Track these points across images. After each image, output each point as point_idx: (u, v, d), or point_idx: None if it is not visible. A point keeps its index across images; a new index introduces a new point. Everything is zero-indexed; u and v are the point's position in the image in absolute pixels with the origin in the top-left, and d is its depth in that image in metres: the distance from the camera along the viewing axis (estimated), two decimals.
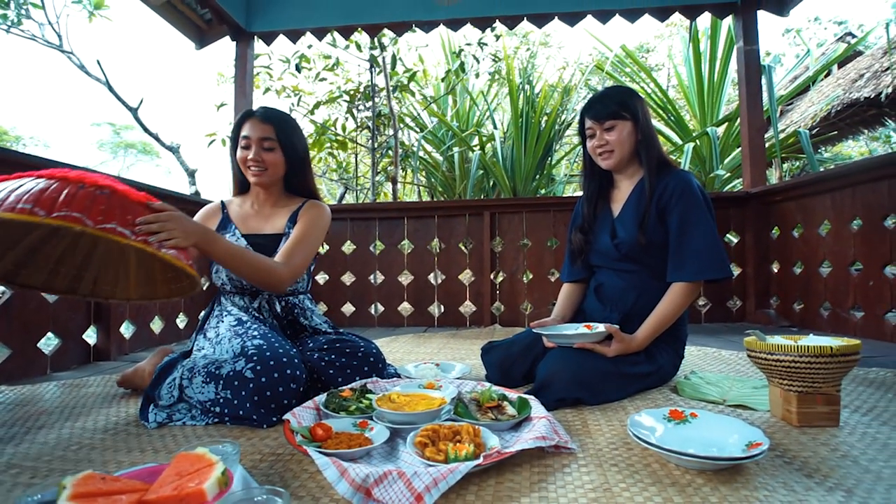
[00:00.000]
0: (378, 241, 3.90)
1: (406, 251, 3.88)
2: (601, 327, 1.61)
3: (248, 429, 1.37)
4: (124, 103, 6.45)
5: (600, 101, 1.77)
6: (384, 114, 6.27)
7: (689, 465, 1.05)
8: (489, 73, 6.87)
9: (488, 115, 6.94)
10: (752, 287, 3.55)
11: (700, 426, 1.21)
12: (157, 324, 3.01)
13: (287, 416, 1.24)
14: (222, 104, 6.09)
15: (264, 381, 1.39)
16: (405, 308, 3.86)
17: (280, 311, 1.80)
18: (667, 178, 1.72)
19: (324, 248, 3.90)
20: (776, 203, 3.45)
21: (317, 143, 6.43)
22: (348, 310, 3.88)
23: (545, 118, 6.04)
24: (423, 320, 3.83)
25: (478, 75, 6.68)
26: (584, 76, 7.34)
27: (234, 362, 1.45)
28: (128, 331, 2.77)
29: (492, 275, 3.76)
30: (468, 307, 3.81)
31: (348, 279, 3.90)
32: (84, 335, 2.54)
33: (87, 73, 6.15)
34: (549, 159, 6.32)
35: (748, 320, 3.55)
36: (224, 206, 1.90)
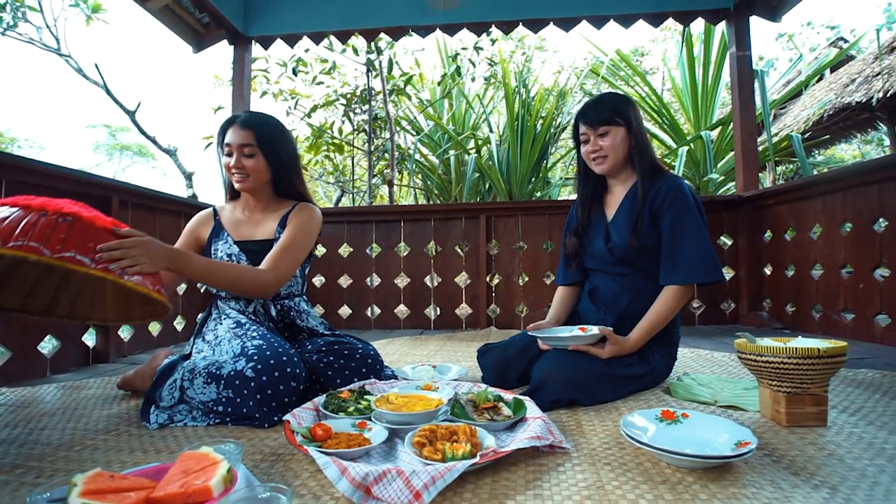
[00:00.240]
0: (375, 244, 3.92)
1: (402, 254, 3.91)
2: (595, 330, 1.63)
3: (249, 429, 1.39)
4: (122, 107, 6.46)
5: (594, 108, 1.80)
6: (381, 117, 6.30)
7: (679, 463, 1.07)
8: (485, 76, 6.91)
9: (484, 118, 6.97)
10: (745, 290, 3.58)
11: (691, 426, 1.23)
12: (154, 326, 3.03)
13: (287, 417, 1.27)
14: (219, 107, 6.12)
15: (265, 379, 1.41)
16: (402, 310, 3.89)
17: (275, 314, 1.82)
18: (659, 182, 1.75)
19: (321, 252, 3.92)
20: (768, 207, 3.49)
21: (314, 147, 6.46)
22: (345, 312, 3.90)
23: (541, 122, 6.08)
24: (419, 323, 3.85)
25: (474, 79, 6.73)
26: (579, 80, 7.39)
27: (235, 362, 1.47)
28: (126, 333, 2.79)
29: (488, 277, 3.79)
30: (464, 310, 3.84)
31: (345, 282, 3.92)
32: (83, 337, 2.55)
33: (84, 76, 6.17)
34: (545, 162, 6.36)
35: (741, 322, 3.58)
36: (216, 213, 1.91)
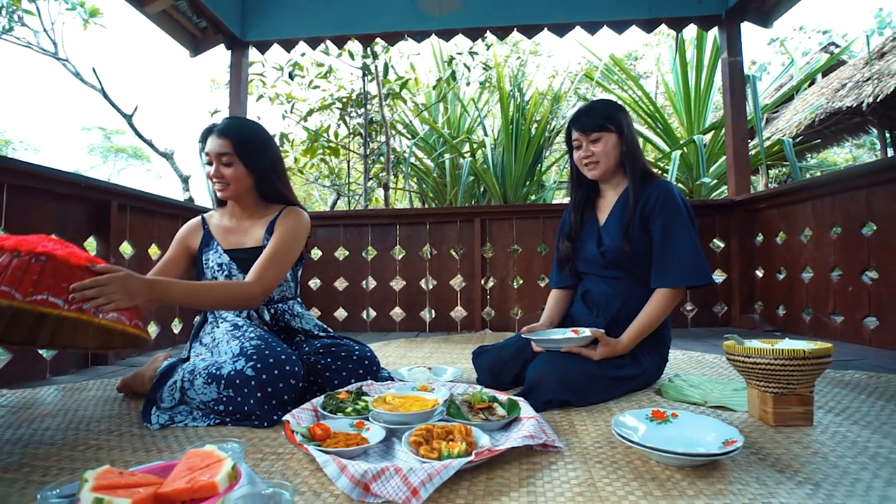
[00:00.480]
0: (371, 247, 3.95)
1: (398, 257, 3.93)
2: (587, 332, 1.66)
3: (249, 430, 1.41)
4: (119, 110, 6.47)
5: (587, 114, 1.83)
6: (376, 121, 6.33)
7: (668, 461, 1.10)
8: (480, 81, 6.96)
9: (479, 122, 7.00)
10: (737, 292, 3.63)
11: (680, 426, 1.26)
12: (152, 329, 3.04)
13: (287, 418, 1.30)
14: (216, 110, 6.15)
15: (265, 378, 1.44)
16: (397, 313, 3.91)
17: (269, 318, 1.83)
18: (650, 187, 1.78)
19: (317, 255, 3.95)
20: (760, 210, 3.54)
21: (310, 150, 6.49)
22: (341, 315, 3.92)
23: (535, 125, 6.13)
24: (414, 325, 3.87)
25: (469, 83, 6.78)
26: (573, 84, 7.44)
27: (235, 362, 1.50)
28: None
29: (482, 280, 3.82)
30: (459, 312, 3.86)
31: (341, 285, 3.95)
32: None
33: (82, 80, 6.17)
34: (539, 166, 6.40)
35: (733, 325, 3.62)
36: (204, 222, 1.90)
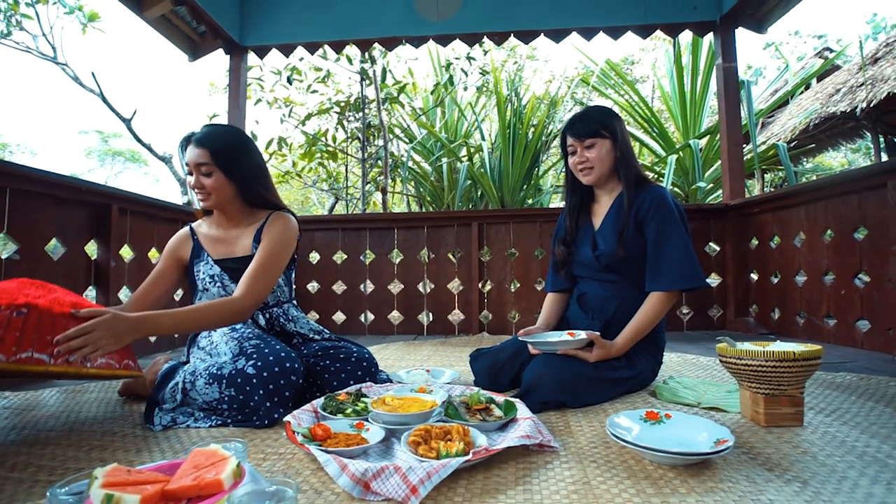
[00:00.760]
0: (369, 251, 3.97)
1: (396, 261, 3.96)
2: (583, 334, 1.68)
3: (250, 431, 1.43)
4: (118, 114, 6.49)
5: (581, 120, 1.86)
6: (374, 125, 6.36)
7: (661, 460, 1.13)
8: (477, 85, 7.00)
9: (476, 126, 7.04)
10: (732, 296, 3.65)
11: (673, 426, 1.29)
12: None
13: (288, 419, 1.32)
14: (214, 115, 6.16)
15: (266, 375, 1.46)
16: (395, 316, 3.93)
17: (264, 323, 1.83)
18: (644, 193, 1.81)
19: (315, 258, 3.97)
20: (754, 215, 3.57)
21: (308, 154, 6.51)
22: (339, 318, 3.94)
23: (532, 130, 6.16)
24: (412, 328, 3.90)
25: (466, 88, 6.81)
26: (570, 89, 7.49)
27: (235, 361, 1.52)
28: None
29: (480, 284, 3.84)
30: (457, 316, 3.89)
31: (339, 288, 3.97)
32: None
33: (81, 84, 6.19)
34: (536, 170, 6.44)
35: (729, 328, 3.65)
36: (193, 232, 1.88)
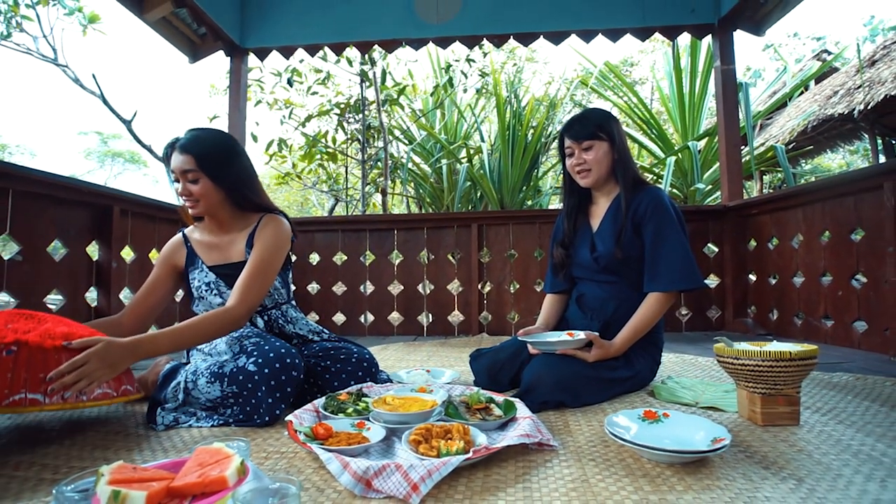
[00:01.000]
0: (369, 252, 3.99)
1: (396, 262, 3.97)
2: (582, 335, 1.69)
3: (252, 430, 1.44)
4: (118, 116, 6.50)
5: (579, 123, 1.88)
6: (374, 126, 6.38)
7: (659, 458, 1.14)
8: (477, 87, 7.02)
9: (476, 128, 7.06)
10: (730, 297, 3.67)
11: (671, 425, 1.30)
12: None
13: (290, 418, 1.33)
14: (214, 116, 6.18)
15: (268, 371, 1.47)
16: (395, 317, 3.94)
17: (263, 325, 1.83)
18: (641, 194, 1.83)
19: (315, 259, 3.99)
20: (752, 216, 3.59)
21: (308, 155, 6.53)
22: (339, 319, 3.96)
23: (531, 131, 6.18)
24: (412, 329, 3.91)
25: (465, 89, 6.83)
26: (569, 91, 7.51)
27: (236, 359, 1.53)
28: None
29: (479, 285, 3.86)
30: (456, 316, 3.90)
31: (339, 289, 3.98)
32: None
33: (81, 86, 6.20)
34: (536, 171, 6.46)
35: (727, 329, 3.66)
36: (186, 239, 1.85)
